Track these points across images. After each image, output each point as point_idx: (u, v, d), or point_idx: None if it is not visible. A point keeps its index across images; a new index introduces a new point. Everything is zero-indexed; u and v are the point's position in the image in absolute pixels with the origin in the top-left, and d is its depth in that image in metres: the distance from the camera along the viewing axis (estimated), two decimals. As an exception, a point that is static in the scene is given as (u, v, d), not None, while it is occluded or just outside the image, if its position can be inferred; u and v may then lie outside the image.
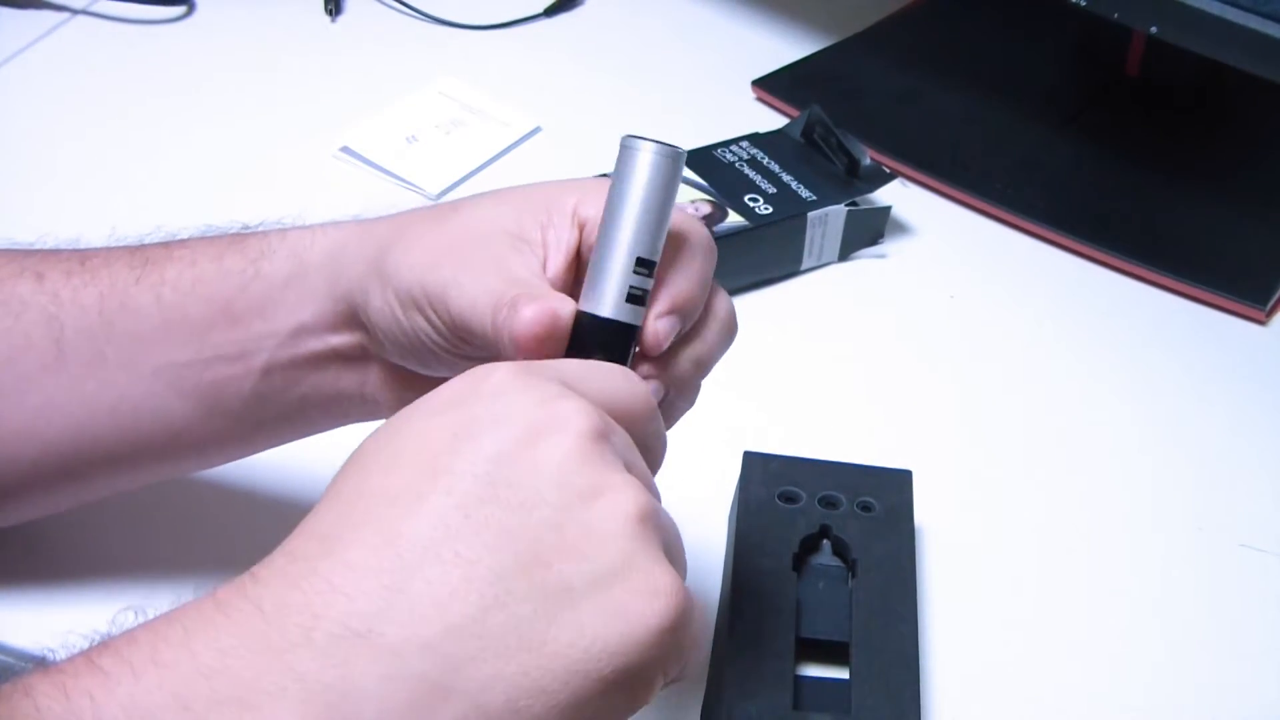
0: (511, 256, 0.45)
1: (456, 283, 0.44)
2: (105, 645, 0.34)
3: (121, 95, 0.84)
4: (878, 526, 0.57)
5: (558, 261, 0.45)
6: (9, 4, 0.89)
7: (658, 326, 0.44)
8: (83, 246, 0.52)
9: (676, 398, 0.45)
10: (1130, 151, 0.83)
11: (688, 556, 0.40)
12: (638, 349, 0.44)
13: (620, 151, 0.44)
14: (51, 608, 0.54)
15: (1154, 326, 0.73)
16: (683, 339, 0.45)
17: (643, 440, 0.40)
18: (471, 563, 0.34)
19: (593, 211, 0.46)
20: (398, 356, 0.48)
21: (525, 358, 0.42)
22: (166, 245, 0.51)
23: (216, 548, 0.56)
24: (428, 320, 0.45)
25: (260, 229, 0.51)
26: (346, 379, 0.50)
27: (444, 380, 0.45)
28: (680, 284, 0.44)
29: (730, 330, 0.46)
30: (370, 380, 0.50)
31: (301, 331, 0.49)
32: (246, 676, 0.33)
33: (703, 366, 0.46)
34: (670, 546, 0.38)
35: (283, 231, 0.50)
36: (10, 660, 0.52)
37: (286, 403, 0.50)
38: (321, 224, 0.50)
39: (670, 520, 0.39)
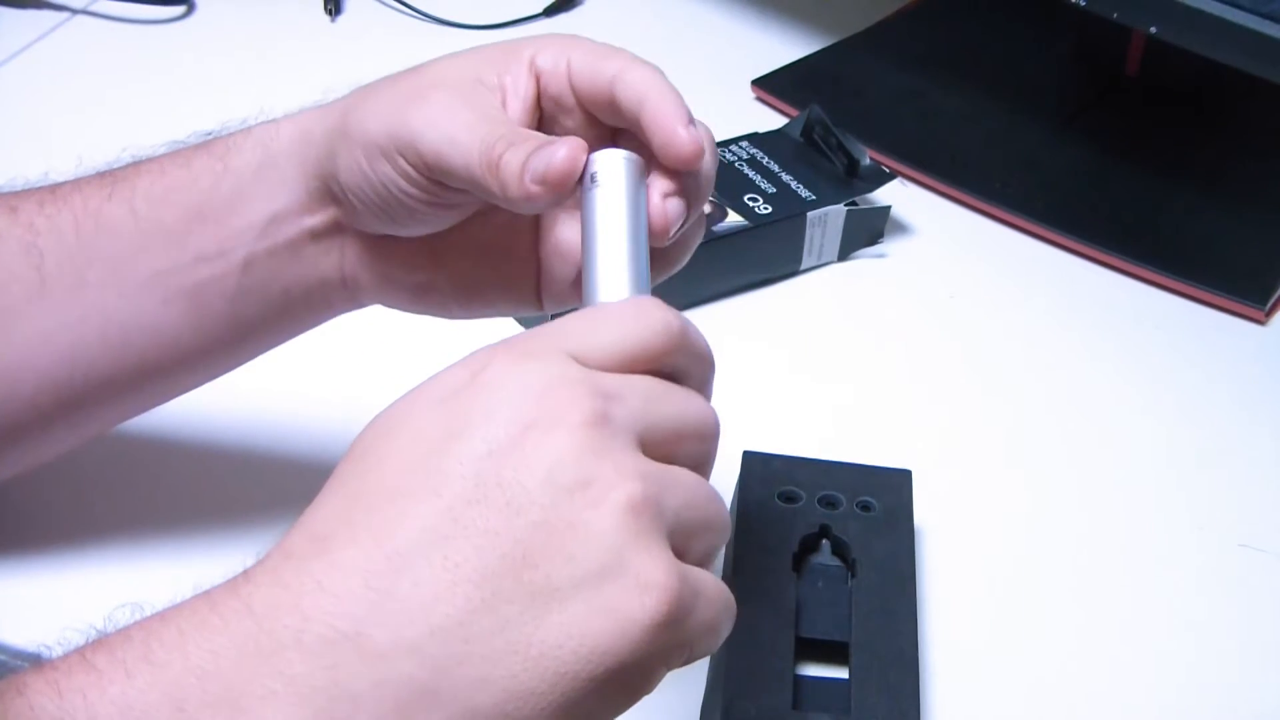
0: (475, 97, 0.45)
1: (427, 124, 0.44)
2: (100, 643, 0.34)
3: (121, 95, 0.84)
4: (877, 526, 0.57)
5: (516, 106, 0.46)
6: (9, 4, 0.89)
7: (667, 207, 0.44)
8: (52, 180, 0.52)
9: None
10: (1130, 151, 0.82)
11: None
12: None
13: (591, 164, 0.44)
14: (48, 604, 0.54)
15: (1154, 326, 0.73)
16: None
17: (677, 369, 0.39)
18: (458, 565, 0.34)
19: (547, 63, 0.47)
20: (371, 219, 0.48)
21: (544, 195, 0.42)
22: (135, 163, 0.51)
23: (215, 543, 0.56)
24: (397, 169, 0.45)
25: (225, 131, 0.51)
26: (325, 262, 0.50)
27: (419, 238, 0.48)
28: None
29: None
30: (348, 258, 0.50)
31: (276, 219, 0.49)
32: (238, 679, 0.33)
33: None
34: (684, 523, 0.36)
35: (248, 129, 0.50)
36: (5, 658, 0.52)
37: (270, 297, 0.50)
38: (286, 115, 0.50)
39: (686, 492, 0.37)
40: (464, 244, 0.50)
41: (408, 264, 0.50)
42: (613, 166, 0.43)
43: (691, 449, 0.38)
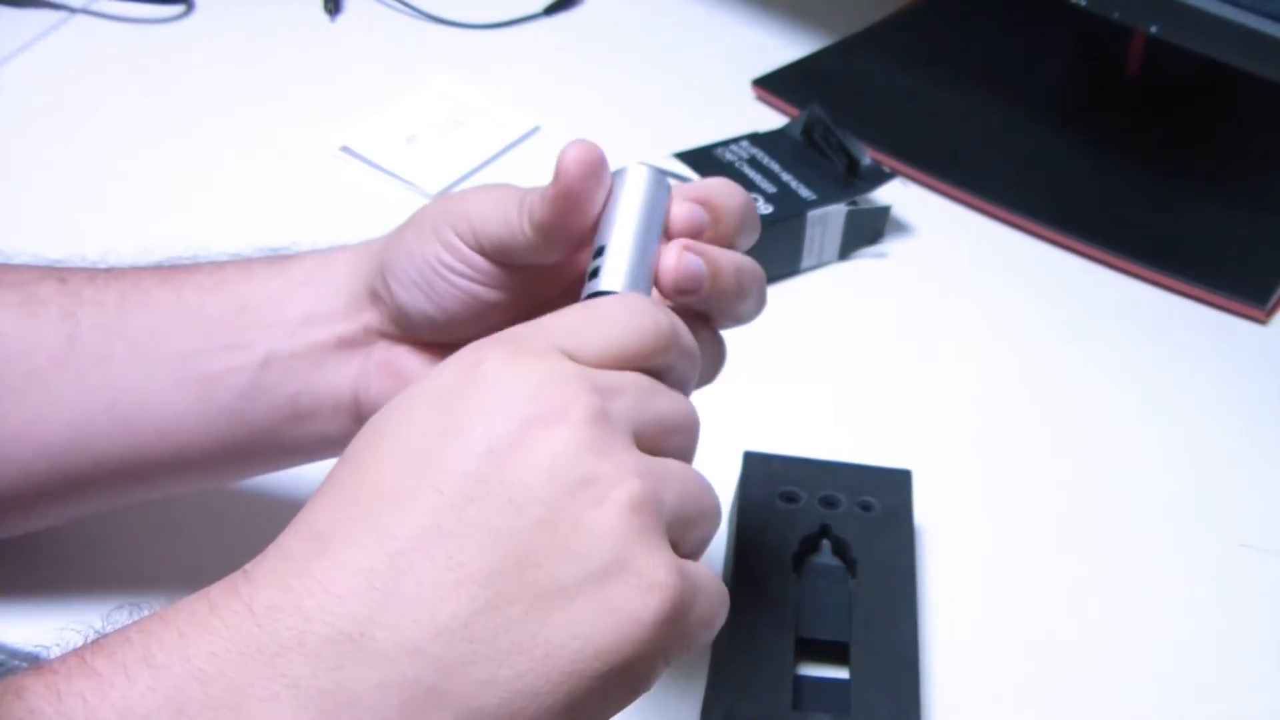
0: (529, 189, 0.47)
1: (482, 198, 0.46)
2: (99, 646, 0.34)
3: (121, 94, 0.84)
4: (877, 526, 0.57)
5: None
6: (9, 3, 0.89)
7: (682, 259, 0.44)
8: (112, 262, 0.53)
9: (731, 296, 0.45)
10: (1130, 151, 0.82)
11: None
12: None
13: (617, 175, 0.46)
14: (46, 604, 0.54)
15: (1154, 326, 0.73)
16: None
17: (666, 368, 0.40)
18: (462, 564, 0.34)
19: None
20: (408, 301, 0.47)
21: (565, 195, 0.43)
22: (196, 261, 0.52)
23: (212, 543, 0.55)
24: (442, 240, 0.46)
25: (295, 248, 0.52)
26: (343, 373, 0.49)
27: (439, 351, 0.48)
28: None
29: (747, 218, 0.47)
30: (366, 368, 0.49)
31: (309, 320, 0.49)
32: (239, 681, 0.33)
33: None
34: (681, 516, 0.37)
35: (315, 249, 0.52)
36: (3, 657, 0.52)
37: (278, 401, 0.49)
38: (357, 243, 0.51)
39: (681, 485, 0.37)
40: None
41: (425, 367, 0.49)
42: (635, 173, 0.45)
43: (678, 442, 0.39)
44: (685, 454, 0.39)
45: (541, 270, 0.47)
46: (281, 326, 0.49)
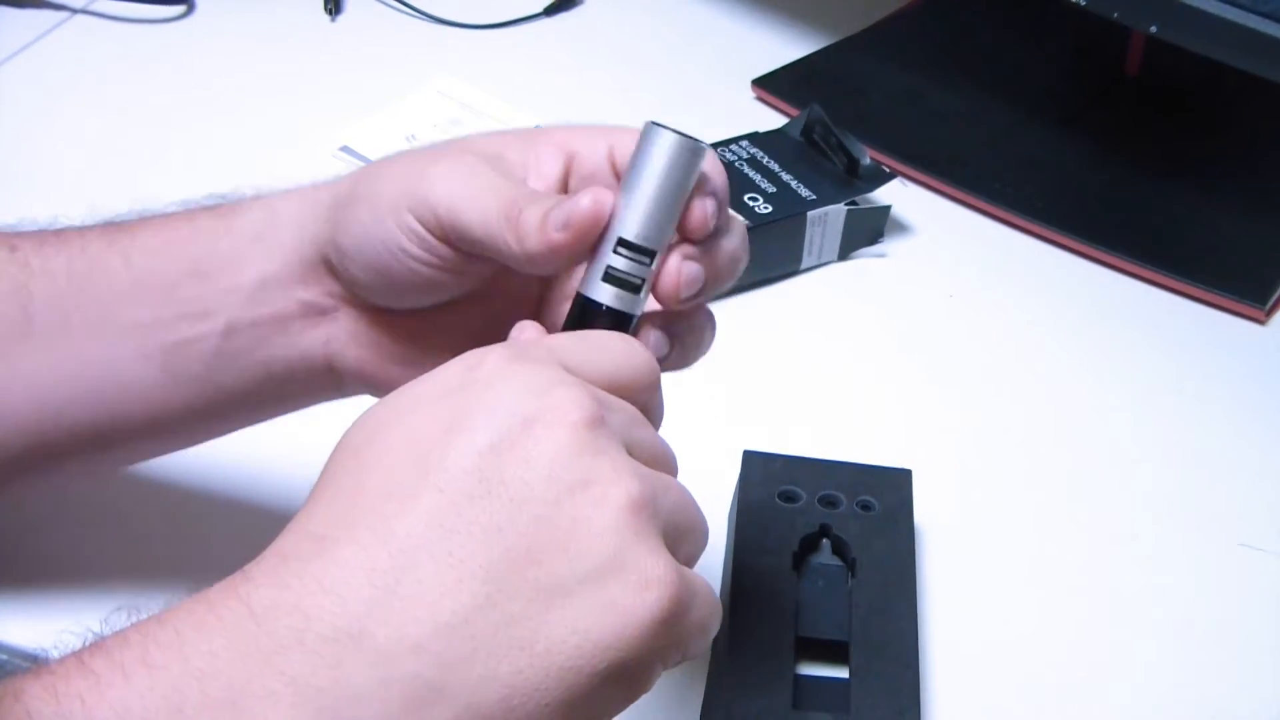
0: (497, 164, 0.44)
1: (446, 181, 0.44)
2: (96, 646, 0.34)
3: (121, 94, 0.84)
4: (877, 526, 0.57)
5: (538, 184, 0.45)
6: (9, 3, 0.89)
7: (683, 269, 0.42)
8: (61, 224, 0.51)
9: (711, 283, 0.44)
10: (1130, 151, 0.82)
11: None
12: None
13: (639, 136, 0.43)
14: (45, 607, 0.54)
15: (1154, 326, 0.73)
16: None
17: (646, 407, 0.40)
18: (462, 561, 0.34)
19: (581, 146, 0.45)
20: (367, 283, 0.46)
21: (567, 242, 0.41)
22: (141, 216, 0.50)
23: (211, 547, 0.55)
24: (402, 226, 0.44)
25: (236, 195, 0.50)
26: (310, 339, 0.48)
27: (410, 316, 0.47)
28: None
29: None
30: (336, 336, 0.48)
31: (266, 285, 0.48)
32: (238, 679, 0.33)
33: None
34: (675, 525, 0.37)
35: (258, 195, 0.49)
36: (4, 658, 0.52)
37: (248, 368, 0.48)
38: (299, 185, 0.49)
39: (676, 496, 0.38)
40: (456, 327, 0.48)
41: (397, 343, 0.48)
42: (650, 144, 0.42)
43: (664, 470, 0.39)
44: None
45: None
46: (238, 293, 0.48)
